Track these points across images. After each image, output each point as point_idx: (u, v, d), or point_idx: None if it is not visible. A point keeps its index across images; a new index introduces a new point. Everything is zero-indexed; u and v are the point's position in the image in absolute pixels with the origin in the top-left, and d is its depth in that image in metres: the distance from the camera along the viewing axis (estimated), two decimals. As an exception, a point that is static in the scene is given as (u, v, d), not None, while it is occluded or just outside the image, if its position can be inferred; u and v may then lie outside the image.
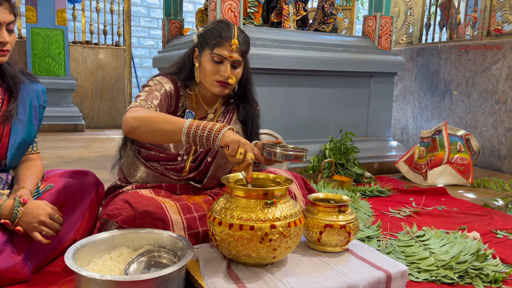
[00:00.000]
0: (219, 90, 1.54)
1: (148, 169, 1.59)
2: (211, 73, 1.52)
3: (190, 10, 8.18)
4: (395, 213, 2.22)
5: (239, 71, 1.55)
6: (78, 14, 5.69)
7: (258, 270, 1.22)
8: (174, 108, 1.57)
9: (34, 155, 1.53)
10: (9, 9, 1.31)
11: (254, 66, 2.75)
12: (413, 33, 4.38)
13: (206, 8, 3.49)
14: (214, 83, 1.53)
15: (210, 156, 1.61)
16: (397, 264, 1.30)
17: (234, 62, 1.51)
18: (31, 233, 1.27)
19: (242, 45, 1.52)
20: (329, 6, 3.38)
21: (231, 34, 1.50)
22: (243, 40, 1.53)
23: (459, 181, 2.94)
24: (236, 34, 1.50)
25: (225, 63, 1.50)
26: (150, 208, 1.38)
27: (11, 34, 1.33)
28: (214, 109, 1.65)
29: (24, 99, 1.45)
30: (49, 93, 4.52)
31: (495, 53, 3.46)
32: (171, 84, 1.55)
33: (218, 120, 1.65)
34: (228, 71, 1.50)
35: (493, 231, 1.96)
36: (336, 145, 3.00)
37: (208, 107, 1.65)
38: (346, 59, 3.09)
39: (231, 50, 1.49)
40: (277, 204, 1.21)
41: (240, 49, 1.51)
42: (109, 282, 1.04)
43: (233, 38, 1.49)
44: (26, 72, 1.50)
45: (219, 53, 1.49)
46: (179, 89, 1.59)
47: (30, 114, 1.47)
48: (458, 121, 3.79)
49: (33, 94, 1.49)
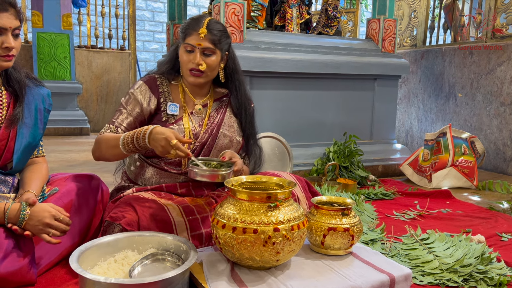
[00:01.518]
0: (193, 79, 1.60)
1: (150, 166, 1.62)
2: (184, 62, 1.59)
3: (194, 14, 8.22)
4: (400, 216, 2.21)
5: (213, 59, 1.58)
6: (84, 18, 5.73)
7: (261, 273, 1.23)
8: (157, 104, 1.62)
9: (39, 158, 1.55)
10: (15, 15, 1.32)
11: (258, 69, 2.76)
12: (417, 36, 4.37)
13: (210, 12, 3.51)
14: (187, 72, 1.60)
15: (207, 148, 1.64)
16: (401, 267, 1.30)
17: (204, 49, 1.56)
18: (39, 235, 1.28)
19: (212, 34, 1.56)
20: (333, 9, 3.38)
21: (200, 24, 1.56)
22: (214, 29, 1.57)
23: (464, 184, 2.92)
24: (205, 24, 1.56)
25: (195, 51, 1.56)
26: (153, 210, 1.40)
27: (16, 40, 1.35)
28: (204, 103, 1.69)
29: (30, 103, 1.46)
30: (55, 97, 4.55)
31: (500, 55, 3.45)
32: (144, 86, 1.63)
33: (211, 116, 1.68)
34: (197, 58, 1.55)
35: (498, 234, 1.95)
36: (340, 148, 3.00)
37: (196, 98, 1.69)
38: (350, 62, 3.09)
39: (200, 39, 1.55)
40: (281, 207, 1.21)
41: (210, 37, 1.56)
42: (114, 285, 1.04)
43: (202, 27, 1.55)
44: (32, 76, 1.52)
45: (188, 42, 1.56)
46: (158, 86, 1.65)
47: (35, 117, 1.48)
48: (463, 124, 3.77)
49: (39, 98, 1.50)
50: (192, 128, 1.63)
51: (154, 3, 8.25)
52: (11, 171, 1.45)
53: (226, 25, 2.71)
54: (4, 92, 1.42)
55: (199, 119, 1.67)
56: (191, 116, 1.65)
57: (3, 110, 1.41)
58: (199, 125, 1.65)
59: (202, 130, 1.64)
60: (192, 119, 1.65)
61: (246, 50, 2.75)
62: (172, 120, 1.61)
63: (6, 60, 1.34)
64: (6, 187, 1.42)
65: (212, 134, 1.64)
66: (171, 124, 1.60)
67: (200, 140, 1.63)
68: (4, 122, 1.39)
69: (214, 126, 1.66)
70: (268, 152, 2.72)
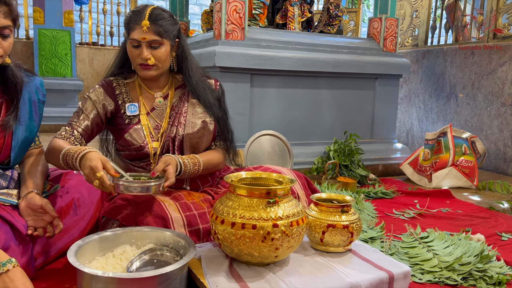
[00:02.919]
0: (144, 73, 1.55)
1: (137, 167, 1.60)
2: (133, 58, 1.54)
3: (196, 12, 8.21)
4: (399, 215, 2.21)
5: (162, 51, 1.52)
6: (85, 15, 5.73)
7: (260, 269, 1.22)
8: (115, 107, 1.58)
9: (37, 150, 1.54)
10: (4, 13, 1.22)
11: (259, 67, 2.76)
12: (419, 36, 4.36)
13: (212, 9, 3.51)
14: (138, 67, 1.54)
15: (179, 140, 1.58)
16: (400, 265, 1.30)
17: (150, 43, 1.50)
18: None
19: (156, 25, 1.49)
20: (334, 8, 3.38)
21: (142, 16, 1.48)
22: (158, 19, 1.50)
23: (464, 184, 2.92)
24: (147, 15, 1.48)
25: (142, 46, 1.50)
26: (150, 205, 1.39)
27: (5, 40, 1.24)
28: (164, 94, 1.64)
29: (24, 97, 1.43)
30: (55, 93, 4.58)
31: (501, 56, 3.44)
32: (100, 89, 1.58)
33: (175, 105, 1.62)
34: (144, 53, 1.49)
35: (498, 234, 1.95)
36: (341, 146, 3.00)
37: (154, 90, 1.63)
38: (351, 60, 3.08)
39: (143, 32, 1.48)
40: (280, 203, 1.21)
41: (154, 29, 1.48)
42: (111, 279, 1.04)
43: (144, 19, 1.47)
44: (24, 68, 1.47)
45: (133, 37, 1.50)
46: (114, 88, 1.60)
47: (30, 111, 1.45)
48: (464, 124, 3.77)
49: (32, 90, 1.47)
50: (154, 124, 1.59)
51: (156, 1, 8.25)
52: (9, 166, 1.45)
53: (227, 22, 2.71)
54: None
55: (162, 112, 1.62)
56: (152, 113, 1.60)
57: None
58: (163, 118, 1.60)
59: (165, 123, 1.59)
60: (153, 115, 1.60)
61: (247, 47, 2.75)
62: (135, 120, 1.58)
63: None
64: (5, 180, 1.41)
65: (179, 124, 1.59)
66: (135, 125, 1.57)
67: (169, 134, 1.58)
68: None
69: (180, 115, 1.60)
70: (268, 150, 2.72)
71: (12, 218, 1.29)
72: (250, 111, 2.82)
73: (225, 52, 2.62)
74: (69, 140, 1.48)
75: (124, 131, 1.57)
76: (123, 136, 1.57)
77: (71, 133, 1.50)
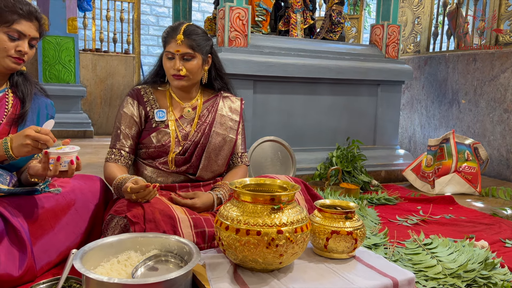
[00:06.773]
0: (176, 83, 1.69)
1: (147, 166, 1.71)
2: (167, 69, 1.68)
3: (199, 19, 8.26)
4: (402, 221, 2.20)
5: (194, 63, 1.66)
6: (89, 22, 5.77)
7: (264, 276, 1.23)
8: (144, 113, 1.72)
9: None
10: (37, 27, 1.45)
11: (262, 73, 2.77)
12: (421, 42, 4.38)
13: (215, 16, 3.53)
14: (171, 77, 1.68)
15: (201, 147, 1.71)
16: (404, 272, 1.30)
17: (183, 55, 1.64)
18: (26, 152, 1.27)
19: (190, 39, 1.64)
20: (337, 15, 3.40)
21: (178, 31, 1.64)
22: (192, 34, 1.65)
23: (467, 190, 2.91)
24: (182, 30, 1.64)
25: (175, 58, 1.65)
26: (158, 205, 1.42)
27: (31, 49, 1.46)
28: (193, 105, 1.77)
29: (34, 108, 1.53)
30: (59, 99, 4.60)
31: (503, 62, 3.45)
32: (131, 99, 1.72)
33: (202, 115, 1.75)
34: (177, 64, 1.64)
35: (502, 240, 1.95)
36: (343, 152, 3.00)
37: (183, 101, 1.76)
38: (353, 67, 3.10)
39: (177, 45, 1.63)
40: (284, 210, 1.21)
41: (188, 43, 1.63)
42: (117, 285, 1.05)
43: (179, 33, 1.63)
44: (41, 88, 1.61)
45: (168, 50, 1.66)
46: (142, 96, 1.73)
47: (37, 119, 1.53)
48: (466, 130, 3.77)
49: (43, 105, 1.57)
50: (181, 130, 1.71)
51: (159, 8, 8.30)
52: (9, 166, 1.45)
53: (230, 29, 2.73)
54: (10, 94, 1.49)
55: (189, 121, 1.74)
56: (179, 120, 1.73)
57: (8, 107, 1.47)
58: (190, 126, 1.73)
59: (192, 130, 1.72)
60: (181, 122, 1.73)
61: (250, 54, 2.76)
62: (163, 126, 1.70)
63: (16, 62, 1.42)
64: (4, 180, 1.42)
65: (204, 133, 1.72)
66: (163, 128, 1.70)
67: (193, 139, 1.70)
68: (6, 119, 1.44)
69: (206, 125, 1.74)
70: (271, 156, 2.72)
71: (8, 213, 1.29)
72: (253, 117, 2.83)
73: (228, 58, 2.63)
74: (120, 162, 1.66)
75: (150, 132, 1.70)
76: (148, 136, 1.70)
77: (119, 156, 1.67)
